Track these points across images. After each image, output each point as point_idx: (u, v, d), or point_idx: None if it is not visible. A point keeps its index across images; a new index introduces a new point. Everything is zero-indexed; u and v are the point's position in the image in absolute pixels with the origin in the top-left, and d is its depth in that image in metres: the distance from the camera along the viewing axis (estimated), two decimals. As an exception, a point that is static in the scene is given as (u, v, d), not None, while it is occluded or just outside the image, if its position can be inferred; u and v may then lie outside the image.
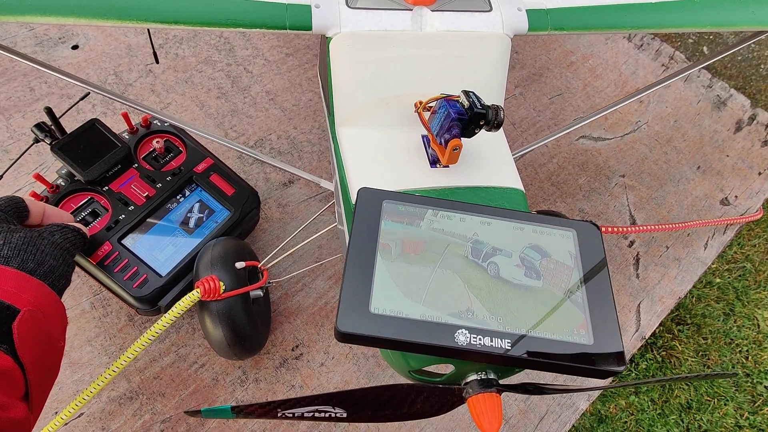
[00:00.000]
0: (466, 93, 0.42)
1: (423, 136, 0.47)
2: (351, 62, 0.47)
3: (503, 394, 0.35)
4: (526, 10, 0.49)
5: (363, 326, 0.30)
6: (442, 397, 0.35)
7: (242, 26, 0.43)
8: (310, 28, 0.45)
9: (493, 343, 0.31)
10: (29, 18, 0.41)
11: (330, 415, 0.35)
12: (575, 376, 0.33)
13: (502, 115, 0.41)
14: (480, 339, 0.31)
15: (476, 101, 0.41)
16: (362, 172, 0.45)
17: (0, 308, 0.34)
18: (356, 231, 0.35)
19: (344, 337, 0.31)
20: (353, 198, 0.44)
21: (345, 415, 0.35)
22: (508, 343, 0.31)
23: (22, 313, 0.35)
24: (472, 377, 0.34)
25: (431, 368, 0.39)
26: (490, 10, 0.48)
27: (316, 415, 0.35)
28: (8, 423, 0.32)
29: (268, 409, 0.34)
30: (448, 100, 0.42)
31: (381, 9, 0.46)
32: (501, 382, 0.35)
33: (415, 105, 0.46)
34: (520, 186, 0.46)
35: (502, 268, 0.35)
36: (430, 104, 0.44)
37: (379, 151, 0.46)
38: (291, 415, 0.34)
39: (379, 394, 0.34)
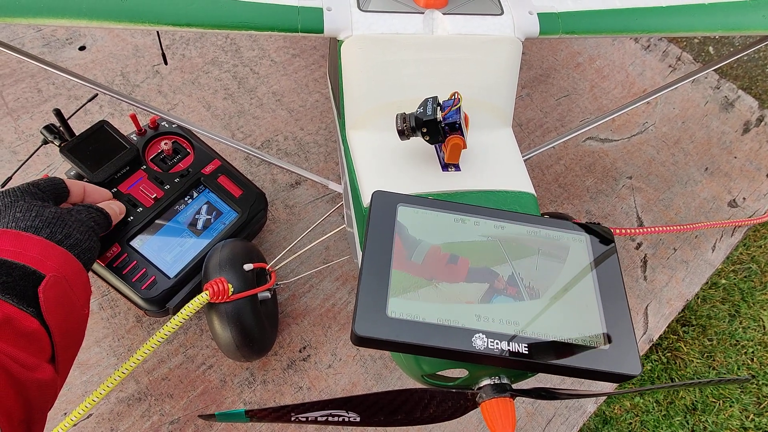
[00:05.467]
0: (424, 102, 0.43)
1: (434, 140, 0.47)
2: (362, 65, 0.47)
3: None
4: (538, 14, 0.49)
5: (380, 330, 0.30)
6: (455, 402, 0.35)
7: (254, 29, 0.43)
8: (321, 31, 0.45)
9: (510, 348, 0.31)
10: (41, 20, 0.41)
11: (343, 419, 0.35)
12: (585, 380, 0.33)
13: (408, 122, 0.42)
14: (497, 343, 0.31)
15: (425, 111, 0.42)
16: (374, 175, 0.45)
17: (26, 273, 0.36)
18: (371, 234, 0.35)
19: (361, 341, 0.31)
20: (365, 201, 0.44)
21: (358, 419, 0.35)
22: (525, 347, 0.31)
23: (47, 278, 0.36)
24: (486, 382, 0.34)
25: (443, 372, 0.39)
26: (502, 13, 0.48)
27: (330, 419, 0.35)
28: (36, 383, 0.34)
29: (281, 413, 0.34)
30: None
31: (393, 12, 0.46)
32: (514, 386, 0.35)
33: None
34: (531, 190, 0.45)
35: (516, 273, 0.35)
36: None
37: (390, 155, 0.46)
38: (304, 419, 0.34)
39: (393, 398, 0.34)
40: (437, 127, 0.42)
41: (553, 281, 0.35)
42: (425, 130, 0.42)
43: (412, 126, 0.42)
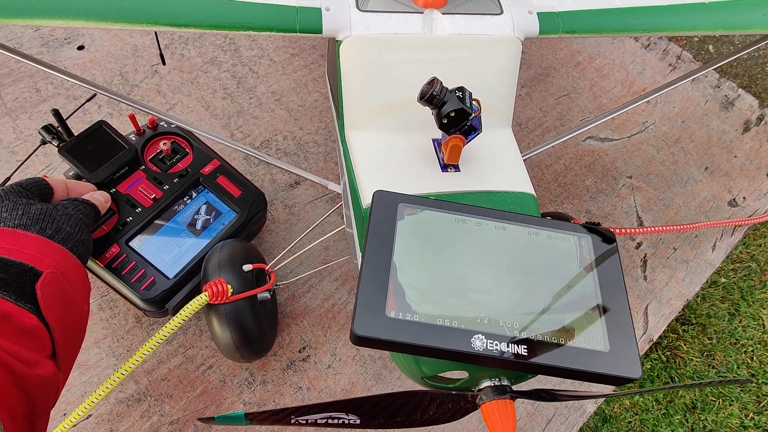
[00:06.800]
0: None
1: (434, 140, 0.47)
2: (361, 66, 0.46)
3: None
4: (537, 13, 0.48)
5: (379, 330, 0.30)
6: (456, 404, 0.35)
7: (252, 29, 0.43)
8: (320, 31, 0.45)
9: (510, 349, 0.31)
10: (37, 21, 0.41)
11: (343, 421, 0.35)
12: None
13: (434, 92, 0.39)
14: (496, 344, 0.31)
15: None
16: (373, 176, 0.45)
17: (23, 270, 0.36)
18: (372, 234, 0.34)
19: (360, 341, 0.30)
20: (364, 201, 0.44)
21: (358, 421, 0.35)
22: (525, 349, 0.31)
23: (44, 275, 0.37)
24: (486, 383, 0.34)
25: (443, 374, 0.39)
26: (501, 13, 0.48)
27: (329, 421, 0.34)
28: (37, 379, 0.34)
29: (281, 416, 0.34)
30: None
31: (391, 12, 0.46)
32: (514, 387, 0.35)
33: None
34: (531, 190, 0.45)
35: (518, 273, 0.35)
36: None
37: (389, 155, 0.46)
38: (304, 421, 0.34)
39: (392, 400, 0.34)
40: (464, 121, 0.40)
41: (554, 282, 0.35)
42: (453, 115, 0.40)
43: (442, 100, 0.39)
